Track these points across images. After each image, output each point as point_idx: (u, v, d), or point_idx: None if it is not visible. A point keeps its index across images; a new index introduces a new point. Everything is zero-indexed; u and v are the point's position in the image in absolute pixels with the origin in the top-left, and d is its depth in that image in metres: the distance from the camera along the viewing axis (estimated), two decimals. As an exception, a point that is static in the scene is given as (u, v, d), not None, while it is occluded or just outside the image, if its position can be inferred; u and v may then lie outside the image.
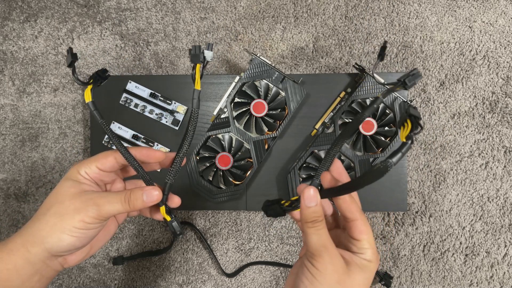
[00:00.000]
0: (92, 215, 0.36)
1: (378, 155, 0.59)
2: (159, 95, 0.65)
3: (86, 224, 0.36)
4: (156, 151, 0.41)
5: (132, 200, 0.38)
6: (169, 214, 0.41)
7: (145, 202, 0.38)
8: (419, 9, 0.68)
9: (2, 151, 0.70)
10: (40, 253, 0.36)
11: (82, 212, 0.36)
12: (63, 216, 0.36)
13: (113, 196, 0.38)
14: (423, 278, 0.67)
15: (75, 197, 0.37)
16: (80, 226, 0.36)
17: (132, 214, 0.45)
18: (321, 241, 0.34)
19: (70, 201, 0.37)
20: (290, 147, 0.64)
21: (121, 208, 0.37)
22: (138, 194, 0.38)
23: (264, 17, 0.69)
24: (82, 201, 0.36)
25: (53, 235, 0.36)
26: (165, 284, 0.69)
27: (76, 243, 0.37)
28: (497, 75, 0.67)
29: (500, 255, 0.66)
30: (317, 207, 0.35)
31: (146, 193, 0.38)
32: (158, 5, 0.69)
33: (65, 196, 0.37)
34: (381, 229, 0.67)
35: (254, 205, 0.65)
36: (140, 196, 0.38)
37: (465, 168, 0.67)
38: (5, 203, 0.70)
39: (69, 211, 0.36)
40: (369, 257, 0.35)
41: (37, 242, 0.36)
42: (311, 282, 0.33)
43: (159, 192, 0.39)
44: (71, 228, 0.36)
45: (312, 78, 0.64)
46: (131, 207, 0.38)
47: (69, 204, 0.36)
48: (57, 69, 0.69)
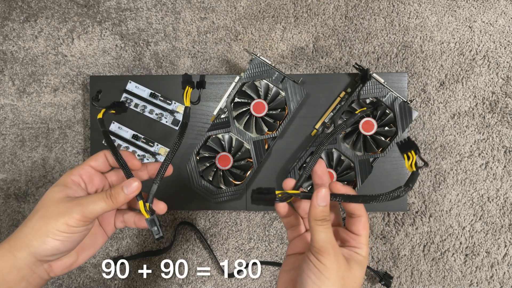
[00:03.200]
0: (77, 217, 0.37)
1: (378, 155, 0.59)
2: (159, 95, 0.65)
3: (70, 227, 0.37)
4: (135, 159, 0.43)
5: (114, 195, 0.38)
6: (150, 213, 0.41)
7: (127, 194, 0.39)
8: (419, 9, 0.68)
9: (2, 151, 0.70)
10: (26, 258, 0.36)
11: (66, 215, 0.36)
12: (48, 219, 0.37)
13: (96, 195, 0.38)
14: (423, 278, 0.67)
15: (60, 202, 0.37)
16: (63, 229, 0.36)
17: (118, 225, 0.45)
18: (328, 238, 0.35)
19: (55, 205, 0.37)
20: (290, 147, 0.64)
21: (104, 206, 0.38)
22: (119, 188, 0.39)
23: (264, 17, 0.69)
24: (67, 205, 0.37)
25: (37, 238, 0.36)
26: (165, 284, 0.69)
27: (60, 246, 0.37)
28: (497, 75, 0.67)
29: (500, 255, 0.66)
30: (327, 207, 0.36)
31: (126, 185, 0.39)
32: (158, 5, 0.69)
33: (51, 201, 0.38)
34: (381, 229, 0.67)
35: (254, 205, 0.65)
36: (121, 189, 0.39)
37: (465, 168, 0.67)
38: (5, 203, 0.70)
39: (54, 215, 0.37)
40: (364, 253, 0.38)
41: (23, 246, 0.36)
42: (318, 277, 0.34)
43: (138, 182, 0.39)
44: (54, 231, 0.36)
45: (312, 78, 0.64)
46: (114, 203, 0.38)
47: (54, 208, 0.37)
48: (57, 69, 0.69)
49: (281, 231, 0.68)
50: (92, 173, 0.42)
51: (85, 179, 0.41)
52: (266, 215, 0.68)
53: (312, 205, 0.36)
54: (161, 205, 0.42)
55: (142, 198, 0.41)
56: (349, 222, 0.39)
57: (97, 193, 0.40)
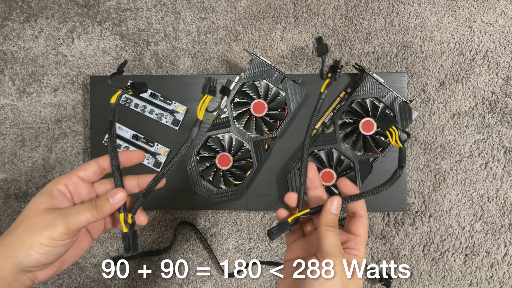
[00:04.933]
0: (61, 230, 0.36)
1: (378, 155, 0.59)
2: (159, 95, 0.65)
3: (54, 241, 0.36)
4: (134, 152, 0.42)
5: (100, 206, 0.38)
6: (129, 227, 0.40)
7: (112, 205, 0.39)
8: (419, 9, 0.68)
9: (2, 151, 0.70)
10: (10, 267, 0.36)
11: (51, 227, 0.36)
12: (32, 231, 0.36)
13: (81, 206, 0.38)
14: (423, 278, 0.67)
15: (45, 213, 0.37)
16: (47, 243, 0.36)
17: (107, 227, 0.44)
18: (336, 243, 0.37)
19: (40, 216, 0.37)
20: (290, 147, 0.64)
21: (90, 216, 0.38)
22: (104, 198, 0.39)
23: (264, 17, 0.69)
24: (52, 216, 0.37)
25: (21, 250, 0.36)
26: (165, 284, 0.69)
27: (43, 259, 0.37)
28: (497, 75, 0.67)
29: (500, 255, 0.66)
30: (338, 215, 0.39)
31: (111, 195, 0.39)
32: (158, 5, 0.69)
33: (35, 211, 0.37)
34: (381, 229, 0.67)
35: (254, 205, 0.65)
36: (106, 200, 0.39)
37: (465, 168, 0.67)
38: (5, 203, 0.70)
39: (38, 227, 0.36)
40: (362, 255, 0.39)
41: (7, 257, 0.36)
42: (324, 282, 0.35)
43: (124, 193, 0.39)
44: (38, 245, 0.36)
45: (312, 78, 0.64)
46: (100, 214, 0.38)
47: (38, 220, 0.37)
48: (57, 69, 0.70)
49: (281, 231, 0.68)
50: (79, 184, 0.41)
51: (71, 189, 0.40)
52: (266, 215, 0.68)
53: (324, 213, 0.38)
54: (142, 217, 0.42)
55: (124, 211, 0.40)
56: (349, 222, 0.40)
57: (82, 203, 0.39)
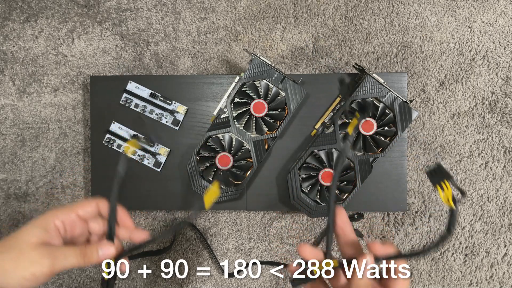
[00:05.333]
0: (45, 270, 0.37)
1: (377, 155, 0.59)
2: (159, 95, 0.65)
3: (36, 278, 0.37)
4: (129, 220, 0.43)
5: (88, 255, 0.39)
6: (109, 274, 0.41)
7: (100, 258, 0.40)
8: (419, 9, 0.68)
9: (3, 151, 0.70)
10: None
11: (36, 265, 0.37)
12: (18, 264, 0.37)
13: (69, 250, 0.39)
14: (423, 278, 0.67)
15: (35, 248, 0.38)
16: (29, 278, 0.37)
17: None
18: None
19: (29, 251, 0.38)
20: (290, 147, 0.65)
21: (75, 263, 0.39)
22: (94, 249, 0.40)
23: (264, 17, 0.69)
24: (40, 254, 0.38)
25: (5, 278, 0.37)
26: (165, 284, 0.69)
27: None
28: (497, 75, 0.67)
29: (499, 255, 0.66)
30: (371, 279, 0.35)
31: (101, 248, 0.40)
32: (158, 5, 0.69)
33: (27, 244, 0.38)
34: (381, 229, 0.67)
35: (254, 205, 0.65)
36: (96, 251, 0.40)
37: (465, 168, 0.67)
38: (5, 203, 0.70)
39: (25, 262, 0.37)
40: None
41: None
42: None
43: (114, 249, 0.41)
44: (20, 279, 0.37)
45: (312, 78, 0.64)
46: (85, 262, 0.39)
47: (27, 254, 0.38)
48: (57, 69, 0.70)
49: (281, 231, 0.68)
50: (76, 221, 0.41)
51: (67, 226, 0.41)
52: (266, 215, 0.68)
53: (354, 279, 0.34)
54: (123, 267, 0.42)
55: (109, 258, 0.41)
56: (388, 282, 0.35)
57: (71, 247, 0.40)
